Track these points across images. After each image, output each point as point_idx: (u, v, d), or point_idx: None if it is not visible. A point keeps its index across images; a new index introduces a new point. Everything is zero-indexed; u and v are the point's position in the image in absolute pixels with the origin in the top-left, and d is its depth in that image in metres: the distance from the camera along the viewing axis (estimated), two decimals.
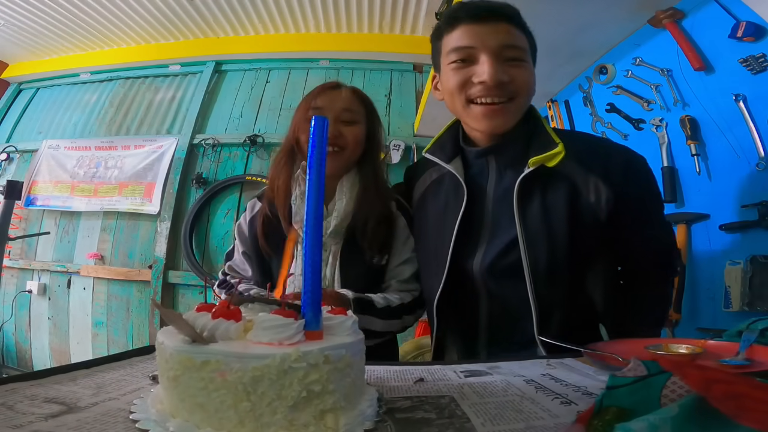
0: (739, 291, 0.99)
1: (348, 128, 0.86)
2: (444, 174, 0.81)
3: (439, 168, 0.82)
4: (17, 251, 2.73)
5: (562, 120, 1.91)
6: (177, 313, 0.36)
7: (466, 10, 0.71)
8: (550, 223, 0.70)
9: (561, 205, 0.70)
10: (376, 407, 0.38)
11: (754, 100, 1.02)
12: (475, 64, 0.69)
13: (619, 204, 0.70)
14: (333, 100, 0.87)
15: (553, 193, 0.71)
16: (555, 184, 0.71)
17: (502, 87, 0.68)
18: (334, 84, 0.91)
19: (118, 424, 0.35)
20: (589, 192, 0.71)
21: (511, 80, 0.68)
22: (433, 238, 0.79)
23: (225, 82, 2.88)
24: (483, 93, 0.69)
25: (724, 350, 0.58)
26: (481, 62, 0.68)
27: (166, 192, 2.54)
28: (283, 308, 0.38)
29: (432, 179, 0.85)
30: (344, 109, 0.86)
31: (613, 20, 1.38)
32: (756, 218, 0.98)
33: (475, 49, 0.69)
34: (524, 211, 0.70)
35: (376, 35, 2.74)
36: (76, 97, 3.07)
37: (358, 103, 0.89)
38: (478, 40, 0.68)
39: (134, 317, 2.49)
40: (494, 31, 0.69)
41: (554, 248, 0.70)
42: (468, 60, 0.70)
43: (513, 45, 0.69)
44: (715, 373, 0.30)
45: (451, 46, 0.71)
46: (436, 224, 0.79)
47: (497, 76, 0.67)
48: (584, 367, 0.57)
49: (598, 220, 0.71)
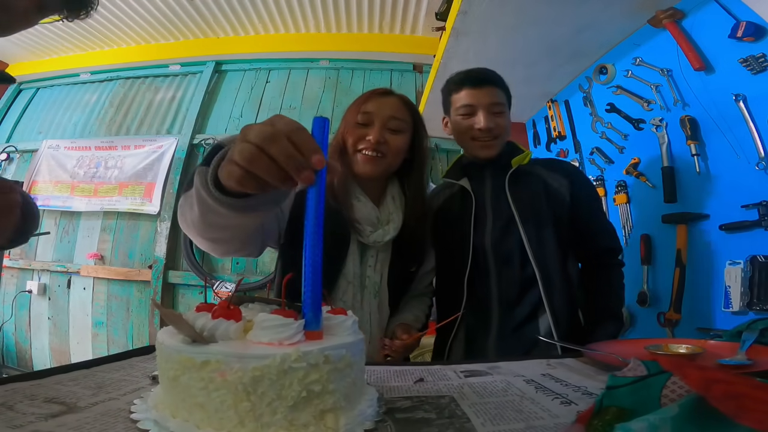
0: (739, 291, 0.99)
1: (392, 136, 0.87)
2: (455, 192, 1.09)
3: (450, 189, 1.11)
4: (17, 251, 2.72)
5: (562, 120, 1.91)
6: (177, 313, 0.36)
7: (470, 79, 1.02)
8: (535, 203, 0.99)
9: (539, 191, 1.01)
10: (376, 407, 0.38)
11: (754, 100, 1.02)
12: (474, 116, 1.00)
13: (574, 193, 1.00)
14: (382, 107, 0.87)
15: (533, 184, 1.02)
16: (532, 179, 1.03)
17: (491, 131, 1.00)
18: (384, 90, 0.93)
19: (118, 424, 0.35)
20: (554, 183, 1.02)
21: (495, 126, 1.00)
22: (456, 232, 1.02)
23: (225, 82, 2.88)
24: (480, 135, 1.01)
25: (724, 350, 0.58)
26: (479, 115, 1.00)
27: (166, 192, 2.54)
28: (283, 308, 0.38)
29: (444, 197, 1.11)
30: (391, 116, 0.87)
31: (613, 20, 1.38)
32: (756, 218, 0.98)
33: (474, 106, 1.00)
34: (515, 195, 1.00)
35: (376, 35, 2.74)
36: (76, 97, 3.07)
37: (405, 112, 0.90)
38: (476, 100, 1.00)
39: (134, 317, 2.49)
40: (487, 93, 1.00)
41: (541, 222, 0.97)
42: (470, 114, 1.01)
43: (497, 102, 1.00)
44: (715, 373, 0.30)
45: (460, 103, 1.02)
46: (454, 223, 1.03)
47: (488, 124, 0.99)
48: (584, 367, 0.57)
49: (564, 200, 1.00)
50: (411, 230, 0.90)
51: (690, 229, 1.17)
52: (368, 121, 0.86)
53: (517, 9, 1.33)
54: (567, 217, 0.99)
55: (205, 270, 2.42)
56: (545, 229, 0.97)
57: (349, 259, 0.85)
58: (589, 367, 0.57)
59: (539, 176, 1.03)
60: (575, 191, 1.01)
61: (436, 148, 2.51)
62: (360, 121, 0.87)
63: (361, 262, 0.88)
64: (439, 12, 2.04)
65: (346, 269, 0.85)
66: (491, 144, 1.01)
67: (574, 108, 1.83)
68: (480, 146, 1.02)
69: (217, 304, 0.39)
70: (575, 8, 1.32)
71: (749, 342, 0.57)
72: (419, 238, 0.94)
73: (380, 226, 0.88)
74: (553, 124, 1.98)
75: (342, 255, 0.85)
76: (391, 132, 0.87)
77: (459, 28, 1.43)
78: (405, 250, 0.91)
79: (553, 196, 1.00)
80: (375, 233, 0.86)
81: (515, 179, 1.01)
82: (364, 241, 0.87)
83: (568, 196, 1.00)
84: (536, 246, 0.95)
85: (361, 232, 0.86)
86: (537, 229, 0.96)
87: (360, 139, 0.86)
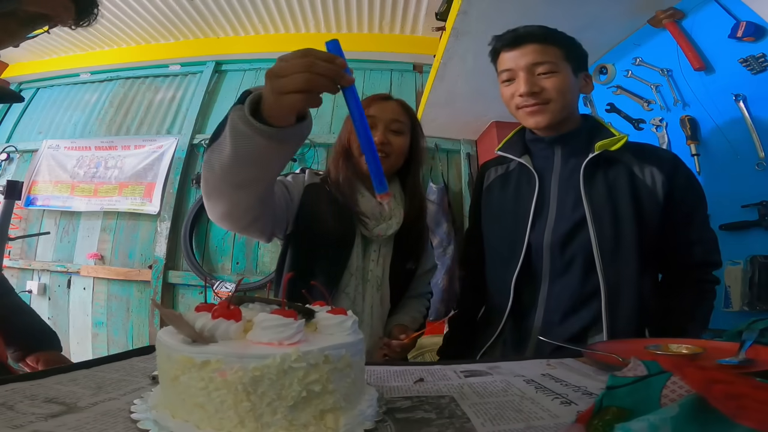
0: (739, 291, 0.99)
1: (395, 137, 0.93)
2: (512, 170, 0.96)
3: (505, 165, 0.98)
4: (17, 251, 2.73)
5: None
6: (177, 313, 0.36)
7: (502, 40, 0.89)
8: (615, 201, 0.82)
9: (623, 185, 0.83)
10: (376, 407, 0.38)
11: (754, 100, 1.02)
12: (515, 80, 0.87)
13: (671, 191, 0.82)
14: (384, 110, 0.94)
15: (614, 176, 0.84)
16: (616, 169, 0.84)
17: (536, 95, 0.84)
18: (384, 96, 0.99)
19: (118, 424, 0.35)
20: (645, 176, 0.83)
21: (542, 89, 0.84)
22: (509, 222, 0.91)
23: (225, 82, 2.88)
24: (522, 102, 0.86)
25: (724, 350, 0.58)
26: (518, 79, 0.86)
27: (166, 192, 2.54)
28: (283, 308, 0.38)
29: (497, 175, 0.99)
30: (393, 119, 0.93)
31: (613, 20, 1.38)
32: (756, 218, 0.98)
33: (513, 70, 0.87)
34: (590, 191, 0.83)
35: (376, 35, 2.74)
36: (76, 97, 3.07)
37: (405, 115, 0.96)
38: (513, 62, 0.86)
39: (134, 317, 2.49)
40: (524, 53, 0.85)
41: (620, 225, 0.80)
42: (511, 79, 0.88)
43: (542, 62, 0.84)
44: (715, 373, 0.30)
45: (500, 68, 0.90)
46: (509, 211, 0.92)
47: (529, 88, 0.84)
48: (584, 367, 0.57)
49: (656, 202, 0.82)
50: (409, 226, 0.95)
51: None
52: (372, 125, 0.92)
53: (517, 9, 1.33)
54: (656, 222, 0.82)
55: (205, 270, 2.42)
56: (623, 235, 0.80)
57: (354, 252, 0.89)
58: (589, 367, 0.57)
59: (627, 166, 0.85)
60: (673, 189, 0.82)
61: (436, 148, 2.52)
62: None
63: (364, 255, 0.92)
64: (439, 12, 2.04)
65: (350, 262, 0.89)
66: (540, 109, 0.85)
67: None
68: (526, 113, 0.87)
69: (217, 304, 0.39)
70: (575, 8, 1.32)
71: (749, 342, 0.57)
72: (417, 235, 0.99)
73: (383, 221, 0.92)
74: None
75: (347, 248, 0.88)
76: (393, 133, 0.93)
77: (459, 28, 1.43)
78: (405, 245, 0.96)
79: (640, 193, 0.82)
80: (379, 226, 0.91)
81: (593, 166, 0.84)
82: (368, 235, 0.91)
83: (661, 195, 0.82)
84: (608, 255, 0.79)
85: (366, 225, 0.90)
86: (613, 234, 0.80)
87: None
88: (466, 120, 2.29)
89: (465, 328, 1.03)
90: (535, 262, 0.86)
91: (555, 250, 0.84)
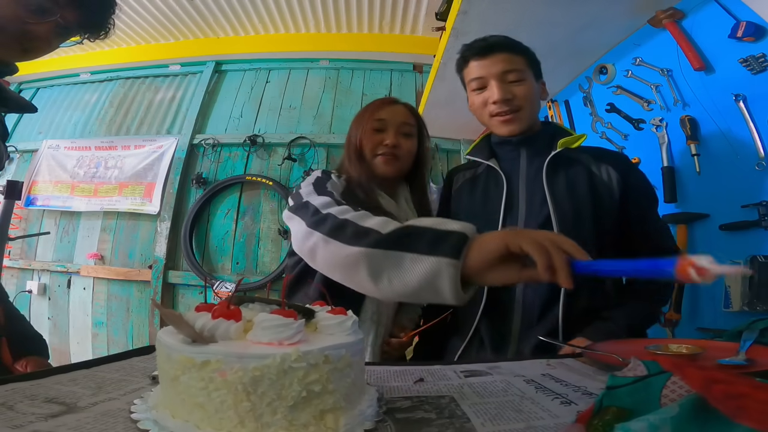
0: (739, 291, 0.99)
1: (405, 140, 0.98)
2: (479, 173, 0.99)
3: (472, 169, 1.01)
4: (17, 251, 2.73)
5: (562, 120, 1.91)
6: (177, 313, 0.36)
7: (476, 47, 0.91)
8: (576, 196, 0.87)
9: (582, 181, 0.88)
10: (376, 407, 0.38)
11: (754, 100, 1.01)
12: (487, 88, 0.90)
13: (625, 189, 0.87)
14: (394, 114, 0.98)
15: (574, 174, 0.89)
16: (575, 167, 0.90)
17: (509, 102, 0.88)
18: (392, 99, 1.04)
19: (118, 424, 0.35)
20: (602, 174, 0.89)
21: (514, 96, 0.88)
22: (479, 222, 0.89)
23: (225, 82, 2.88)
24: (497, 109, 0.89)
25: (724, 350, 0.58)
26: (490, 87, 0.89)
27: (166, 192, 2.54)
28: (283, 308, 0.38)
29: (465, 179, 1.01)
30: (403, 122, 0.98)
31: (613, 20, 1.38)
32: (756, 218, 0.98)
33: (484, 78, 0.89)
34: (553, 187, 0.87)
35: (376, 35, 2.74)
36: (76, 97, 3.07)
37: (413, 118, 1.01)
38: (485, 70, 0.89)
39: (134, 317, 2.49)
40: (496, 61, 0.88)
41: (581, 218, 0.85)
42: (482, 87, 0.90)
43: (511, 69, 0.88)
44: (715, 373, 0.30)
45: (470, 77, 0.92)
46: (478, 211, 0.94)
47: (503, 95, 0.87)
48: (584, 367, 0.57)
49: (613, 197, 0.87)
50: None
51: (690, 229, 1.17)
52: (383, 127, 0.97)
53: (517, 9, 1.33)
54: (615, 214, 0.87)
55: (205, 270, 2.42)
56: (584, 228, 0.84)
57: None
58: (589, 367, 0.57)
59: (585, 165, 0.90)
60: (627, 185, 0.88)
61: (436, 148, 2.52)
62: (376, 128, 0.97)
63: None
64: (439, 12, 2.04)
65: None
66: (513, 118, 0.88)
67: (574, 108, 1.83)
68: (499, 122, 0.90)
69: (217, 304, 0.39)
70: (575, 8, 1.32)
71: (749, 342, 0.57)
72: None
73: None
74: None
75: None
76: (404, 136, 0.98)
77: (459, 28, 1.43)
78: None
79: (598, 189, 0.88)
80: None
81: (554, 165, 0.88)
82: None
83: (617, 191, 0.87)
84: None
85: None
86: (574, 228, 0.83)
87: (378, 144, 0.96)
88: (466, 120, 2.27)
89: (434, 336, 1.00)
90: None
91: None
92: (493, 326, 0.89)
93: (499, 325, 0.88)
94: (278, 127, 2.65)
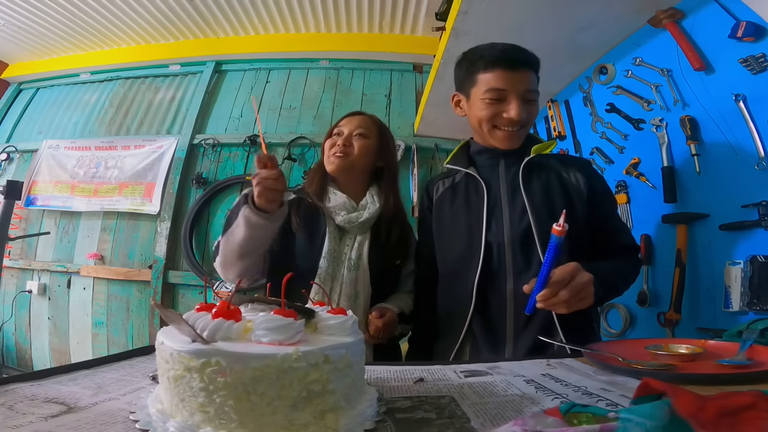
0: (739, 291, 0.99)
1: (357, 140, 1.08)
2: (458, 181, 1.02)
3: (451, 177, 1.04)
4: (17, 251, 2.73)
5: (562, 120, 1.91)
6: (177, 313, 0.36)
7: (506, 58, 0.88)
8: (550, 197, 0.91)
9: (555, 183, 0.93)
10: (376, 407, 0.38)
11: (754, 100, 1.01)
12: (504, 102, 0.89)
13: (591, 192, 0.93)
14: (351, 122, 1.11)
15: (547, 178, 0.94)
16: (547, 172, 0.95)
17: (522, 121, 0.89)
18: (356, 112, 1.17)
19: (118, 424, 0.35)
20: (571, 177, 0.95)
21: (528, 116, 0.89)
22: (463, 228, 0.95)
23: (225, 82, 2.88)
24: (509, 125, 0.90)
25: (724, 350, 0.58)
26: (510, 103, 0.88)
27: (166, 192, 2.54)
28: (283, 308, 0.38)
29: (445, 188, 1.04)
30: (358, 126, 1.10)
31: (613, 20, 1.38)
32: (756, 218, 0.98)
33: (506, 91, 0.88)
34: (530, 192, 0.91)
35: (376, 35, 2.74)
36: (76, 97, 3.07)
37: (371, 124, 1.12)
38: (509, 84, 0.88)
39: (134, 317, 2.49)
40: (522, 78, 0.88)
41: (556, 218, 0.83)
42: (500, 99, 0.89)
43: (532, 89, 0.89)
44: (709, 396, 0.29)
45: (489, 85, 0.89)
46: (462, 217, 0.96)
47: (522, 116, 0.87)
48: (584, 367, 0.57)
49: (582, 196, 0.92)
50: (389, 221, 1.08)
51: (690, 229, 1.17)
52: (339, 133, 1.10)
53: (517, 9, 1.33)
54: (583, 215, 0.91)
55: (205, 270, 2.42)
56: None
57: (328, 238, 1.03)
58: (589, 367, 0.57)
59: (555, 170, 0.95)
60: (592, 187, 0.93)
61: (436, 148, 2.51)
62: (334, 133, 1.11)
63: (340, 241, 1.05)
64: (439, 12, 2.04)
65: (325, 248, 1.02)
66: (517, 134, 0.91)
67: (574, 108, 1.83)
68: (504, 136, 0.91)
69: (217, 304, 0.39)
70: (575, 8, 1.32)
71: (749, 342, 0.57)
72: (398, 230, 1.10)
73: (354, 211, 1.06)
74: (553, 124, 1.97)
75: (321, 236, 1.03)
76: (357, 137, 1.08)
77: (459, 28, 1.43)
78: (384, 237, 1.07)
79: (569, 190, 0.92)
80: (349, 215, 1.05)
81: (529, 171, 0.93)
82: (339, 223, 1.05)
83: (585, 192, 0.92)
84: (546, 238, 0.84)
85: (336, 215, 1.05)
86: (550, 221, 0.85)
87: (332, 145, 1.08)
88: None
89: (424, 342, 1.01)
90: (496, 262, 0.90)
91: (516, 246, 0.89)
92: (486, 325, 0.89)
93: (492, 324, 0.89)
94: (278, 127, 2.65)
